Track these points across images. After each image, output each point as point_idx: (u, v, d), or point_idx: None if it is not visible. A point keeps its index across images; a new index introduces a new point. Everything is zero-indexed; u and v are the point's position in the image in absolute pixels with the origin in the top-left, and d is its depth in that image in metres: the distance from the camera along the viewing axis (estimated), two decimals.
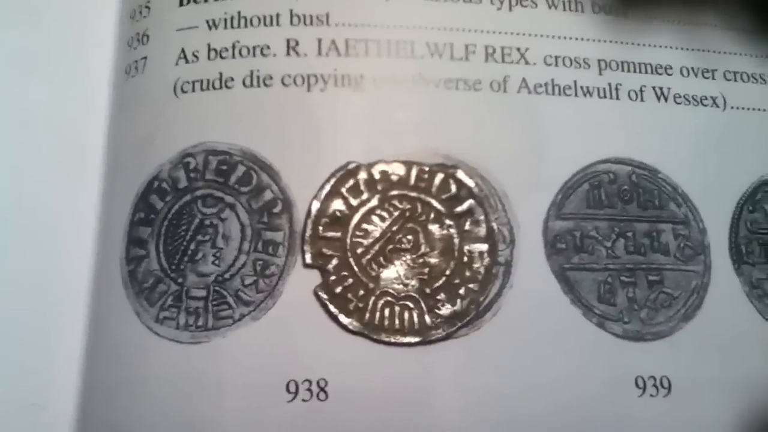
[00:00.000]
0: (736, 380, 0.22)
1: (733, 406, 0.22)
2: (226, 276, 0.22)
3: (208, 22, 0.24)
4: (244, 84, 0.23)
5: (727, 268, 0.24)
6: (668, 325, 0.23)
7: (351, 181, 0.22)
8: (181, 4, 0.24)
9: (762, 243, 0.24)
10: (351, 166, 0.22)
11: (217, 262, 0.22)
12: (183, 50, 0.24)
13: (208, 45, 0.23)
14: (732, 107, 0.25)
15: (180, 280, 0.22)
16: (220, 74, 0.23)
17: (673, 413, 0.22)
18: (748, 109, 0.26)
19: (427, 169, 0.23)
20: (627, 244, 0.23)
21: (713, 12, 0.26)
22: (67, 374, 0.22)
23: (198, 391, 0.21)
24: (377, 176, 0.22)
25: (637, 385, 0.22)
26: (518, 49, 0.24)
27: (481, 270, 0.22)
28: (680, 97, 0.25)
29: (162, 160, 0.23)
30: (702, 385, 0.22)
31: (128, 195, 0.23)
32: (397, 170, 0.23)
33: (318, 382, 0.21)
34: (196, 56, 0.23)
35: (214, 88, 0.23)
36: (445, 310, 0.22)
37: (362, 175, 0.22)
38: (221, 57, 0.23)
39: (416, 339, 0.21)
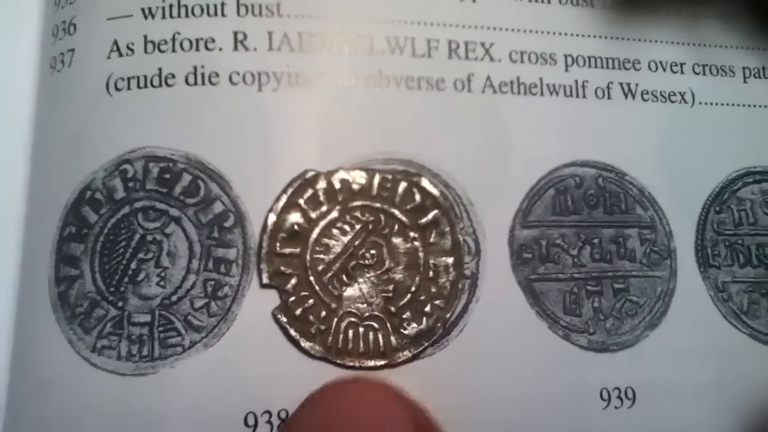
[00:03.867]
0: (700, 388, 0.22)
1: (696, 414, 0.22)
2: (173, 299, 0.19)
3: (143, 10, 0.21)
4: (186, 81, 0.21)
5: (693, 272, 0.23)
6: (633, 334, 0.22)
7: (309, 192, 0.21)
8: None
9: (728, 245, 0.24)
10: (309, 175, 0.21)
11: (162, 283, 0.20)
12: (116, 42, 0.21)
13: (145, 37, 0.21)
14: (700, 103, 0.25)
15: (120, 304, 0.19)
16: (159, 70, 0.21)
17: (638, 424, 0.22)
18: (716, 104, 0.25)
19: (390, 177, 0.21)
20: (593, 251, 0.23)
21: (683, 1, 0.25)
22: None
23: (143, 429, 0.19)
24: (337, 186, 0.21)
25: (602, 397, 0.21)
26: (483, 44, 0.23)
27: (447, 285, 0.21)
28: (648, 93, 0.24)
29: (95, 167, 0.20)
30: (666, 394, 0.22)
31: (56, 206, 0.20)
32: (359, 179, 0.21)
33: (279, 414, 0.19)
34: (131, 49, 0.21)
35: (152, 85, 0.21)
36: (411, 329, 0.20)
37: (321, 185, 0.21)
38: (160, 50, 0.21)
39: (382, 362, 0.20)
